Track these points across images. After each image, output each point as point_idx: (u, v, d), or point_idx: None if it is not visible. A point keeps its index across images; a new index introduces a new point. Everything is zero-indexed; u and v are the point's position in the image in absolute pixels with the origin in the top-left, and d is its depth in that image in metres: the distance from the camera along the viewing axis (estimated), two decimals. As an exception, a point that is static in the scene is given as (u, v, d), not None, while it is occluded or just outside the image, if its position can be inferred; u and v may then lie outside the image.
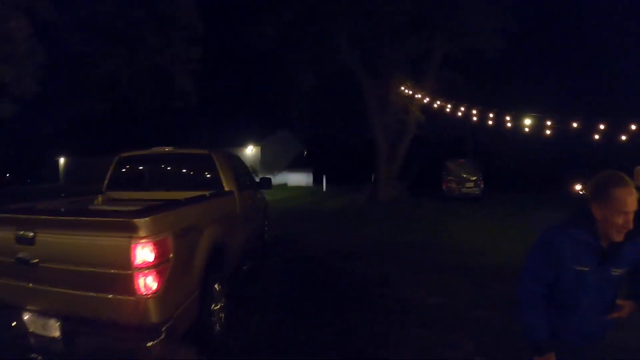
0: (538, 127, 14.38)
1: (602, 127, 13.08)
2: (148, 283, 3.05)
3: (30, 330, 3.38)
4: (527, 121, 14.49)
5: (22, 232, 3.27)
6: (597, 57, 27.26)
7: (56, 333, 3.27)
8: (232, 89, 39.10)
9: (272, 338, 4.70)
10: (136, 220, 3.00)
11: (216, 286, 4.42)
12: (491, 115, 15.94)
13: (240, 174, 6.72)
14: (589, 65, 25.87)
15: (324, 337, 4.66)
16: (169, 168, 6.64)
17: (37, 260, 3.23)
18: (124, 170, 6.48)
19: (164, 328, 3.13)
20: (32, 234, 3.24)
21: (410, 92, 19.73)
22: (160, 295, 3.12)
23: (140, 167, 6.65)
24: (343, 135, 34.17)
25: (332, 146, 40.79)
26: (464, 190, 21.18)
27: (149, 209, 3.24)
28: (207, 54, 20.28)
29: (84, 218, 3.38)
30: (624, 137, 12.66)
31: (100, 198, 6.13)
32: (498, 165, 28.24)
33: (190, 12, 18.48)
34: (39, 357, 3.44)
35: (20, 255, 3.27)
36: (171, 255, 3.28)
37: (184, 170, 6.60)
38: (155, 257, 3.06)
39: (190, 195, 4.54)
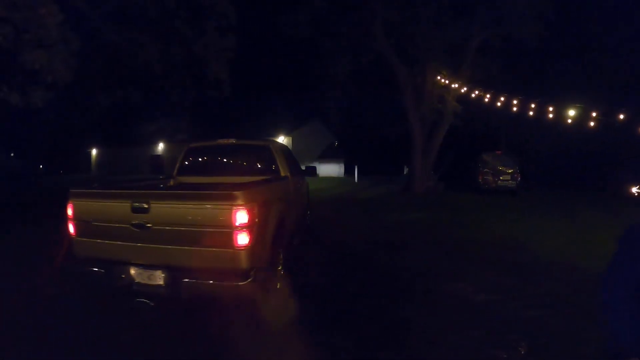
0: (580, 119, 13.93)
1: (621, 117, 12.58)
2: (242, 238, 4.06)
3: (136, 281, 4.38)
4: (570, 112, 14.06)
5: (137, 204, 4.23)
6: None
7: (161, 281, 4.28)
8: (264, 79, 39.22)
9: (316, 321, 4.62)
10: (236, 192, 4.07)
11: (280, 251, 5.40)
12: (532, 105, 15.54)
13: (291, 162, 7.74)
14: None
15: (372, 332, 4.51)
16: (231, 157, 7.67)
17: (150, 224, 4.20)
18: (191, 158, 7.64)
19: (251, 273, 4.13)
20: (147, 205, 4.21)
21: (447, 82, 19.39)
22: (249, 248, 4.12)
23: (206, 156, 7.83)
24: (375, 126, 33.88)
25: (364, 137, 40.59)
26: (500, 183, 20.76)
27: (243, 185, 4.59)
28: (240, 43, 20.19)
29: (195, 192, 4.49)
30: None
31: (172, 182, 7.26)
32: (535, 159, 27.53)
33: (223, 1, 18.38)
34: (148, 302, 4.37)
35: (135, 221, 4.23)
36: (257, 219, 4.27)
37: (245, 159, 7.54)
38: (248, 220, 4.07)
39: (250, 180, 5.66)
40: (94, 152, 49.80)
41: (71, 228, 4.68)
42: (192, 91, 21.84)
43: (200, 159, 7.76)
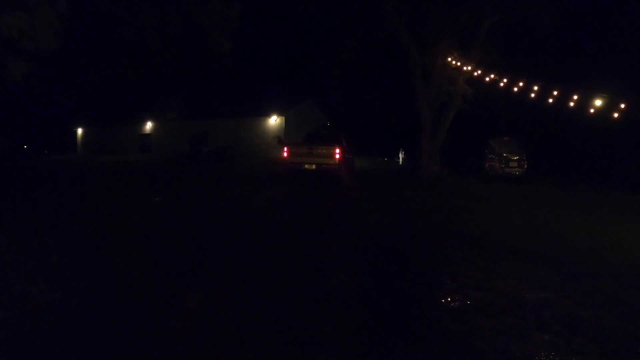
0: (594, 107, 13.43)
1: None
2: (339, 158, 15.41)
3: (305, 167, 15.74)
4: (575, 98, 13.56)
5: (310, 149, 15.78)
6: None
7: (314, 167, 15.62)
8: (262, 56, 38.34)
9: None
10: (337, 144, 15.90)
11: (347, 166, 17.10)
12: (536, 89, 15.04)
13: (346, 140, 17.43)
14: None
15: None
16: (324, 136, 18.89)
17: (312, 152, 15.68)
18: (309, 137, 18.42)
19: (342, 170, 15.84)
20: (312, 149, 15.73)
21: (458, 63, 18.80)
22: (339, 160, 15.46)
23: (315, 136, 18.54)
24: (375, 108, 33.29)
25: (360, 119, 40.08)
26: (506, 169, 20.35)
27: (336, 144, 16.10)
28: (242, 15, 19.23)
29: (326, 144, 16.04)
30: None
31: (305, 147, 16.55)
32: (542, 146, 27.09)
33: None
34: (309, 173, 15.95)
35: (309, 151, 15.76)
36: (340, 154, 15.49)
37: (330, 137, 17.62)
38: (339, 153, 15.44)
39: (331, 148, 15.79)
40: (79, 131, 48.33)
41: (285, 154, 16.05)
42: (189, 66, 20.87)
43: (307, 137, 18.50)
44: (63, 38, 14.36)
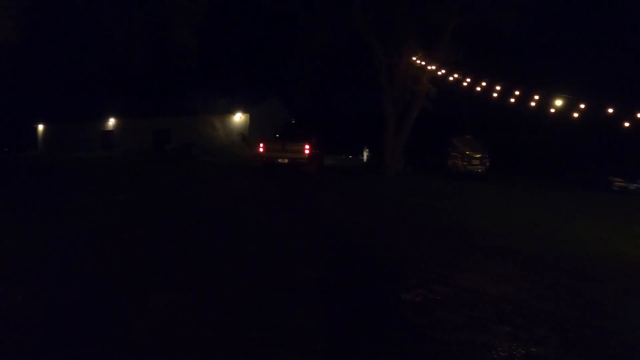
0: (546, 106, 13.79)
1: (610, 110, 12.51)
2: (309, 153, 17.15)
3: (278, 161, 17.42)
4: (536, 98, 13.89)
5: (283, 145, 17.66)
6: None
7: (286, 161, 17.31)
8: (226, 52, 37.92)
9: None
10: (307, 141, 17.52)
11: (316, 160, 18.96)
12: (498, 89, 15.35)
13: (316, 135, 19.31)
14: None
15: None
16: (295, 131, 21.27)
17: (285, 148, 17.42)
18: (280, 131, 21.36)
19: (312, 164, 17.74)
20: (285, 145, 17.53)
21: (422, 63, 18.98)
22: (309, 154, 17.21)
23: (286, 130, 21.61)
24: (340, 106, 33.35)
25: (325, 117, 40.13)
26: (469, 167, 20.73)
27: (309, 139, 17.82)
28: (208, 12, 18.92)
29: (297, 140, 17.77)
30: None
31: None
32: (504, 144, 27.65)
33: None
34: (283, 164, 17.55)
35: (282, 147, 17.55)
36: (310, 149, 17.25)
37: (300, 133, 19.52)
38: (309, 148, 17.18)
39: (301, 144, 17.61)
40: (40, 127, 46.76)
41: (261, 149, 17.65)
42: (153, 61, 20.42)
43: (278, 134, 20.10)
44: (24, 32, 13.94)
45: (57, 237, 6.78)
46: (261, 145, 17.89)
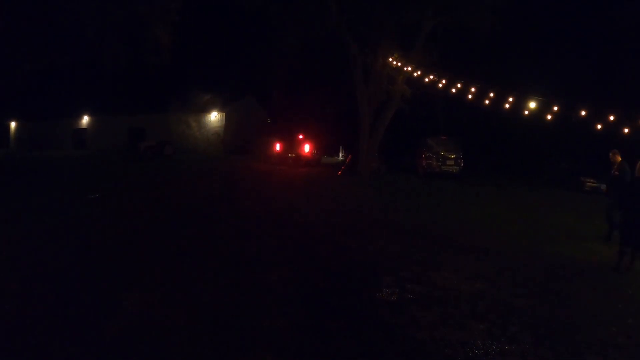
0: (523, 109, 13.98)
1: (583, 113, 12.75)
2: (309, 150, 25.66)
3: (289, 155, 25.82)
4: (510, 100, 14.07)
5: (292, 144, 25.86)
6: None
7: (294, 155, 25.72)
8: (201, 49, 37.51)
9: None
10: (307, 142, 25.64)
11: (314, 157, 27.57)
12: (473, 91, 15.52)
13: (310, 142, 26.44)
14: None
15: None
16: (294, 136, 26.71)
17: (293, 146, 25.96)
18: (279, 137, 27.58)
19: (311, 157, 26.01)
20: (293, 144, 25.99)
21: (398, 63, 19.06)
22: (310, 152, 25.75)
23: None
24: (316, 105, 33.19)
25: (299, 116, 39.93)
26: (444, 167, 20.90)
27: (308, 141, 25.88)
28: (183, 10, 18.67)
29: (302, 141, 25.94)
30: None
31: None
32: (479, 145, 27.98)
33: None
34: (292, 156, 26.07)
35: (291, 145, 25.96)
36: (311, 148, 25.93)
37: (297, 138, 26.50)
38: (309, 148, 25.63)
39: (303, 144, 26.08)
40: (12, 125, 45.62)
41: (278, 147, 26.03)
42: (128, 58, 20.04)
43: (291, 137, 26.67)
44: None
45: (26, 237, 6.62)
46: (278, 144, 26.11)
